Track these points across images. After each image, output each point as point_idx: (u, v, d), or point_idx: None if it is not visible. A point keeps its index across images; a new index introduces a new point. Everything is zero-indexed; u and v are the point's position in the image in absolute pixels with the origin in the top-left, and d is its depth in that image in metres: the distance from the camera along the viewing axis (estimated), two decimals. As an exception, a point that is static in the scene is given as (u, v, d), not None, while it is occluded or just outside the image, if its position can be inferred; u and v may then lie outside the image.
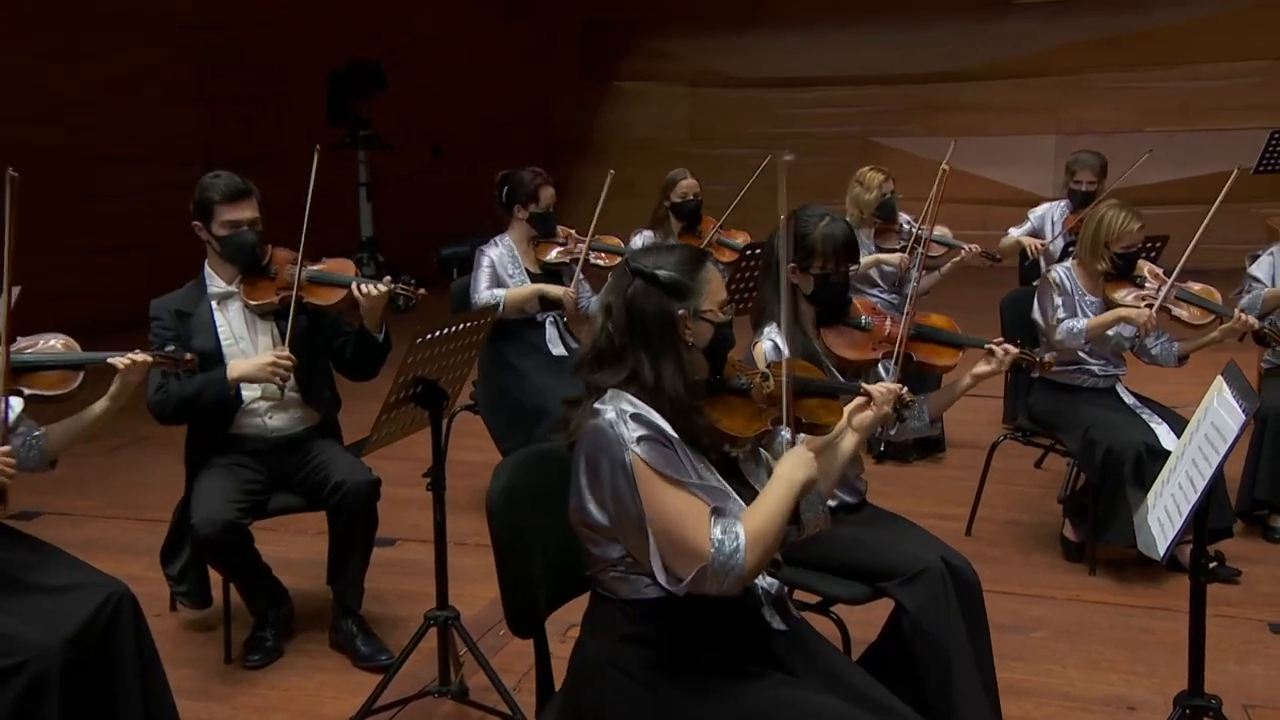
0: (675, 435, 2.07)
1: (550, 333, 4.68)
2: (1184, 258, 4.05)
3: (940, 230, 5.51)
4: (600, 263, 4.73)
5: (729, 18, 11.97)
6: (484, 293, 4.56)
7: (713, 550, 1.98)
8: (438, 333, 2.82)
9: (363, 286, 3.43)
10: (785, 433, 2.17)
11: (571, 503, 2.13)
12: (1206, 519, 2.38)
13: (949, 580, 2.78)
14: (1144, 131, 10.26)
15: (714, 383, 2.21)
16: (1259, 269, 4.46)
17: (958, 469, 5.26)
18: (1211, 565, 3.99)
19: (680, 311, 2.13)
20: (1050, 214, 5.82)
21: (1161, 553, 2.29)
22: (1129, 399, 4.15)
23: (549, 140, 12.55)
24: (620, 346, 2.12)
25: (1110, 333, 4.10)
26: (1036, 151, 10.89)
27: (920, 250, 5.27)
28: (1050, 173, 10.59)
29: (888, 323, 3.07)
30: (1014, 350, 3.06)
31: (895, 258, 5.30)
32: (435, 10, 10.98)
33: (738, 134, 11.37)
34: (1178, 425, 3.97)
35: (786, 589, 2.38)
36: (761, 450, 2.32)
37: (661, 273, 2.14)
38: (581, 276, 4.67)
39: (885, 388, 2.40)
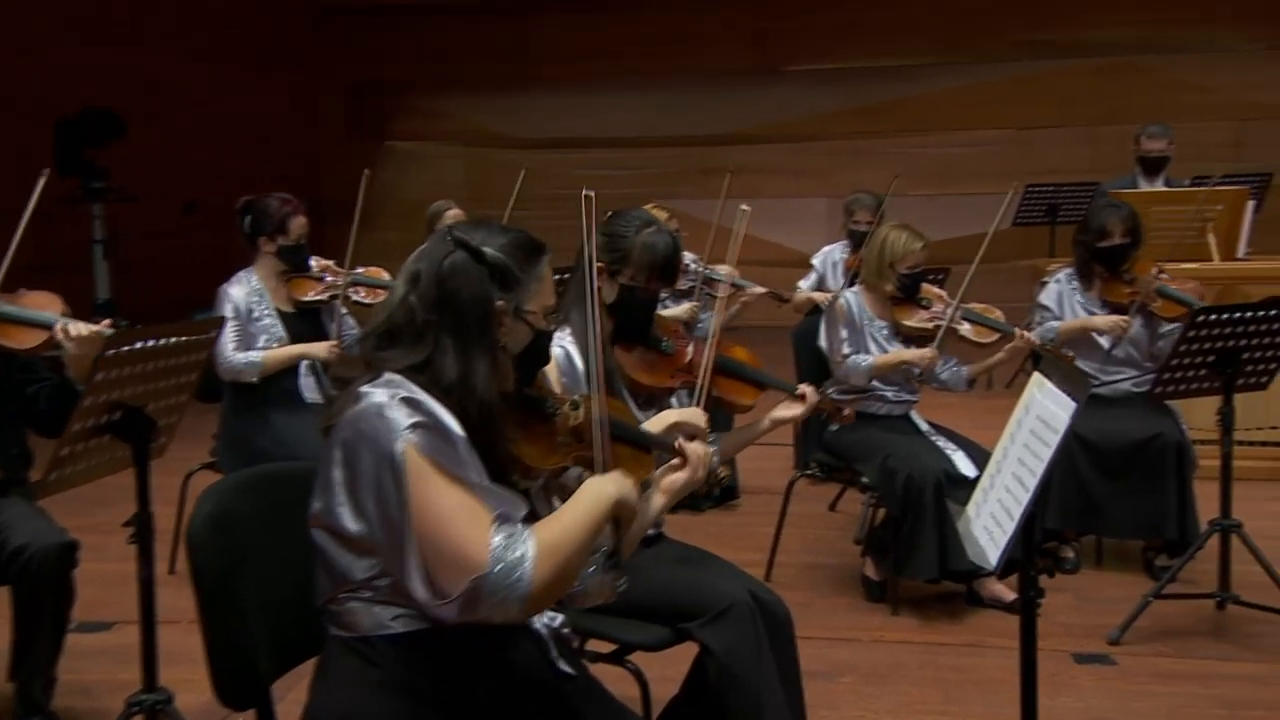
0: (462, 435, 1.69)
1: (305, 379, 4.14)
2: (967, 278, 4.01)
3: (728, 270, 5.36)
4: (364, 299, 4.25)
5: (504, 78, 11.80)
6: (233, 357, 3.94)
7: (491, 557, 1.59)
8: (140, 344, 2.29)
9: (69, 328, 2.84)
10: (574, 470, 1.86)
11: (315, 505, 1.70)
12: (1034, 530, 2.14)
13: (758, 617, 2.46)
14: (908, 195, 10.63)
15: (518, 398, 1.84)
16: (1048, 297, 4.45)
17: (753, 515, 5.04)
18: (1045, 565, 4.02)
19: (500, 303, 1.76)
20: (831, 255, 5.83)
21: (994, 561, 2.04)
22: (924, 425, 4.03)
23: (317, 201, 11.90)
24: (422, 325, 1.73)
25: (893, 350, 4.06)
26: (811, 213, 11.12)
27: (709, 291, 5.11)
28: (824, 234, 10.85)
29: (690, 349, 2.75)
30: (821, 397, 2.81)
31: (685, 309, 5.06)
32: (184, 61, 10.29)
33: (509, 195, 11.11)
34: (974, 452, 3.87)
35: (570, 631, 1.98)
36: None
37: (489, 251, 1.77)
38: (345, 312, 4.18)
39: (701, 450, 2.06)
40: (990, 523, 2.12)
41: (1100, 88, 10.83)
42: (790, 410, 2.78)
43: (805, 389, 2.81)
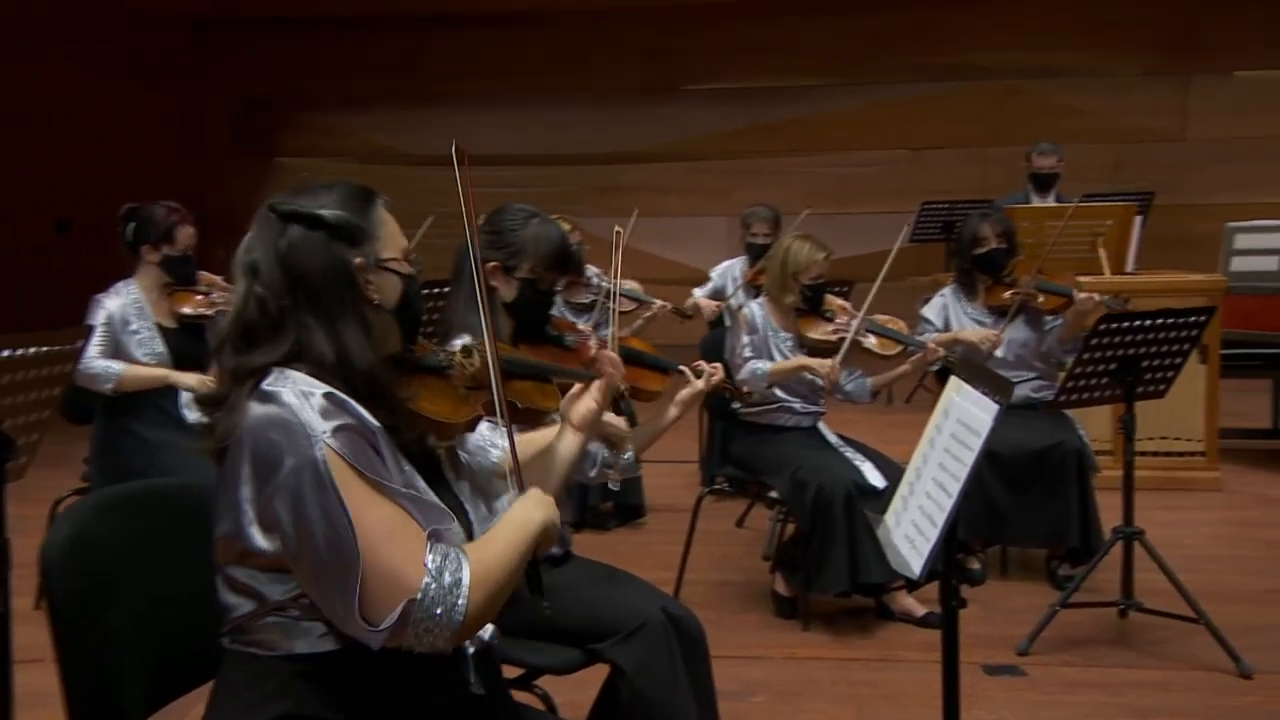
0: (378, 425, 1.54)
1: (185, 396, 3.90)
2: (872, 292, 4.01)
3: (631, 285, 5.29)
4: None
5: (399, 93, 11.58)
6: (94, 362, 3.68)
7: (428, 580, 1.45)
8: (-4, 353, 2.09)
9: None
10: (507, 496, 1.75)
11: (220, 530, 1.53)
12: (955, 536, 2.07)
13: (672, 634, 2.35)
14: (806, 214, 10.71)
15: (406, 358, 1.71)
16: (930, 310, 4.48)
17: (659, 533, 4.95)
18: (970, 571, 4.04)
19: (358, 260, 1.61)
20: (731, 270, 5.81)
21: (918, 570, 1.96)
22: (832, 437, 3.98)
23: (203, 219, 11.49)
24: (278, 313, 1.56)
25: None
26: (710, 231, 11.13)
27: (610, 305, 5.02)
28: (724, 252, 10.84)
29: (592, 342, 2.64)
30: (718, 372, 2.74)
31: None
32: (61, 75, 9.84)
33: (414, 213, 10.86)
34: (883, 464, 3.84)
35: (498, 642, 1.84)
36: (462, 454, 1.81)
37: (326, 212, 1.61)
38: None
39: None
40: (912, 531, 2.05)
41: (989, 110, 11.08)
42: (693, 389, 2.68)
43: (703, 365, 2.72)
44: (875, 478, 3.76)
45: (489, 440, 1.98)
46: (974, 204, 7.82)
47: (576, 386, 1.94)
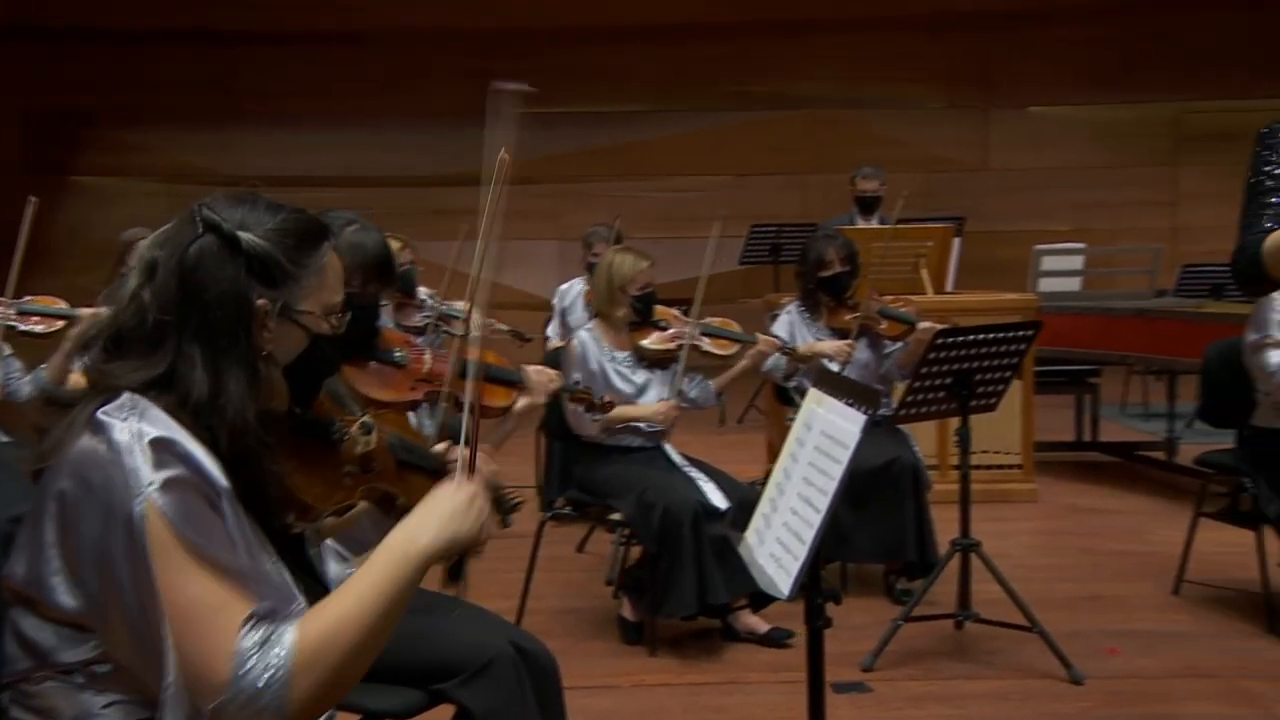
0: (226, 485, 1.32)
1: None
2: (699, 289, 4.07)
3: (463, 305, 5.09)
4: (36, 328, 3.62)
5: (211, 111, 11.04)
6: None
7: (233, 671, 1.24)
8: None
9: None
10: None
11: (15, 568, 1.31)
12: (820, 550, 2.00)
13: (522, 669, 2.20)
14: (634, 238, 10.73)
15: (295, 419, 1.49)
16: (780, 327, 4.49)
17: (497, 560, 4.66)
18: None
19: (261, 301, 1.39)
20: (571, 291, 5.70)
21: (787, 590, 1.88)
22: (677, 458, 3.90)
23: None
24: (155, 329, 1.35)
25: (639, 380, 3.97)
26: (540, 256, 11.01)
27: (446, 329, 4.83)
28: (555, 276, 10.76)
29: (427, 357, 2.47)
30: (556, 378, 2.60)
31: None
32: None
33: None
34: (725, 483, 3.78)
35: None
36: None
37: (247, 237, 1.40)
38: (9, 351, 3.57)
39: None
40: (778, 549, 1.96)
41: (808, 138, 11.37)
42: (526, 398, 2.52)
43: (554, 374, 2.57)
44: (718, 498, 3.69)
45: None
46: (801, 226, 7.99)
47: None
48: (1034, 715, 3.26)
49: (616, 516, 3.81)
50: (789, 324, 4.48)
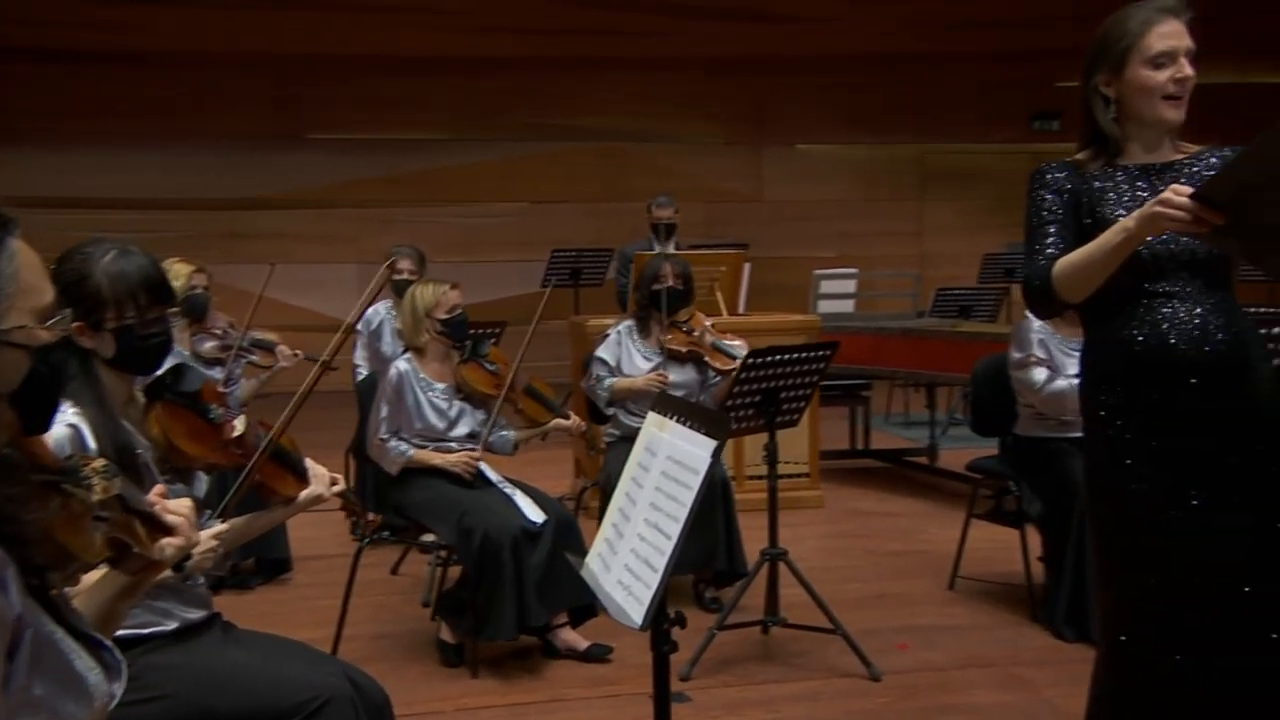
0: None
1: None
2: (523, 347, 3.89)
3: (266, 336, 4.72)
4: None
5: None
6: None
7: None
8: None
9: None
10: None
11: None
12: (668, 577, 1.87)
13: (359, 706, 1.97)
14: (436, 262, 10.42)
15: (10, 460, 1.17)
16: (605, 349, 4.34)
17: (308, 587, 4.42)
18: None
19: None
20: (376, 315, 5.38)
21: (639, 620, 1.74)
22: (493, 475, 3.69)
23: None
24: None
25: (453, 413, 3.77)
26: (340, 280, 10.53)
27: (251, 359, 4.48)
28: (354, 298, 10.29)
29: (238, 424, 2.16)
30: (340, 482, 2.32)
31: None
32: None
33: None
34: (539, 499, 3.61)
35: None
36: None
37: None
38: None
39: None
40: (627, 577, 1.82)
41: (599, 168, 11.37)
42: (318, 491, 2.20)
43: (338, 478, 2.29)
44: (535, 513, 3.52)
45: None
46: (598, 252, 7.93)
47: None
48: (843, 714, 3.25)
49: (430, 537, 3.58)
50: (615, 343, 4.34)
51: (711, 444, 1.72)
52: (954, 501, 5.72)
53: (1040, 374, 3.84)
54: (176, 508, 1.36)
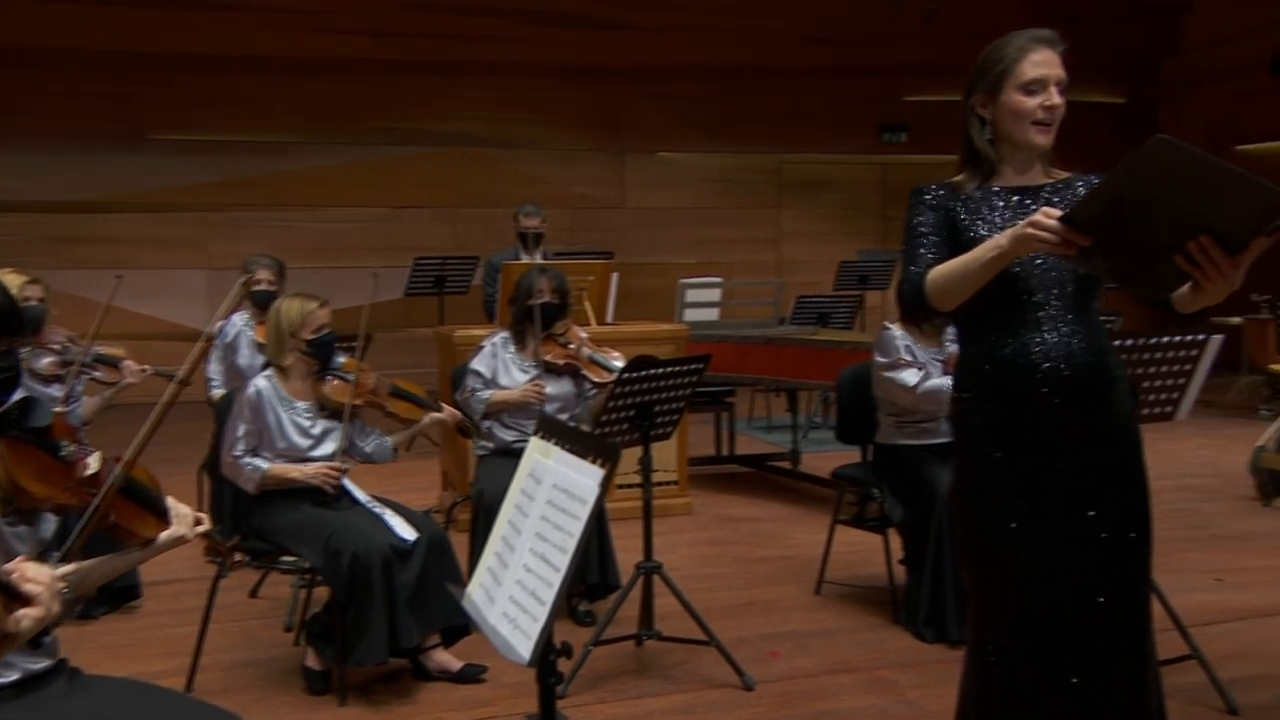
0: None
1: None
2: (361, 336, 3.82)
3: (111, 351, 4.43)
4: None
5: None
6: None
7: None
8: None
9: None
10: None
11: None
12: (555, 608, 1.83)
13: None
14: (289, 268, 10.07)
15: None
16: (480, 362, 4.25)
17: (159, 615, 4.18)
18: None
19: None
20: (233, 327, 5.11)
21: (527, 654, 1.69)
22: (361, 495, 3.56)
23: None
24: None
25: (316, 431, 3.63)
26: (187, 285, 10.07)
27: (94, 375, 4.21)
28: (203, 306, 9.90)
29: (92, 462, 1.99)
30: (204, 528, 2.19)
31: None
32: None
33: None
34: (409, 515, 3.51)
35: None
36: None
37: None
38: None
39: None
40: (513, 609, 1.77)
41: (454, 174, 11.22)
42: (174, 532, 2.04)
43: (202, 518, 2.16)
44: (406, 531, 3.42)
45: None
46: (463, 259, 7.80)
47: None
48: (718, 725, 3.27)
49: (290, 559, 3.44)
50: (490, 356, 4.25)
51: (600, 473, 1.69)
52: (818, 505, 5.85)
53: (912, 374, 3.95)
54: (35, 575, 1.25)
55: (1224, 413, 8.56)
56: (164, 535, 1.97)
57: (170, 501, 2.02)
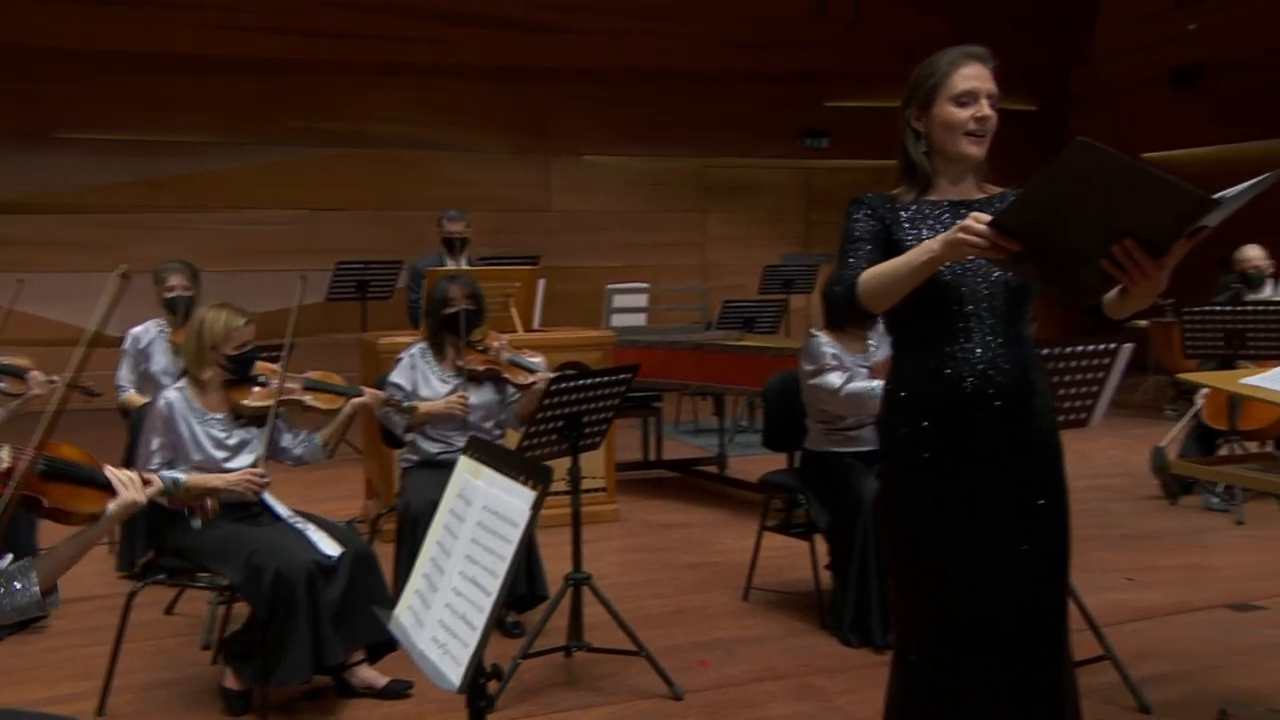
0: None
1: None
2: (287, 346, 3.65)
3: (15, 361, 4.26)
4: None
5: None
6: None
7: None
8: None
9: None
10: None
11: None
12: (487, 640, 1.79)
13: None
14: (206, 271, 9.79)
15: None
16: (399, 374, 4.15)
17: (67, 635, 4.01)
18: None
19: None
20: (145, 334, 4.94)
21: (458, 681, 1.65)
22: (284, 512, 3.47)
23: None
24: None
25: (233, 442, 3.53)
26: (99, 289, 9.64)
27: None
28: (117, 313, 9.54)
29: (4, 455, 1.94)
30: (156, 488, 2.16)
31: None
32: None
33: None
34: (333, 530, 3.43)
35: None
36: None
37: None
38: None
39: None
40: (442, 634, 1.73)
41: (377, 176, 11.03)
42: (114, 503, 2.07)
43: (151, 478, 2.13)
44: (329, 546, 3.33)
45: None
46: (387, 264, 7.67)
47: None
48: (648, 736, 3.25)
49: (214, 578, 3.33)
50: (409, 368, 4.17)
51: (531, 495, 1.66)
52: (745, 510, 5.87)
53: (836, 377, 3.98)
54: None
55: (1131, 412, 8.81)
56: (112, 506, 1.93)
57: (109, 470, 1.98)
